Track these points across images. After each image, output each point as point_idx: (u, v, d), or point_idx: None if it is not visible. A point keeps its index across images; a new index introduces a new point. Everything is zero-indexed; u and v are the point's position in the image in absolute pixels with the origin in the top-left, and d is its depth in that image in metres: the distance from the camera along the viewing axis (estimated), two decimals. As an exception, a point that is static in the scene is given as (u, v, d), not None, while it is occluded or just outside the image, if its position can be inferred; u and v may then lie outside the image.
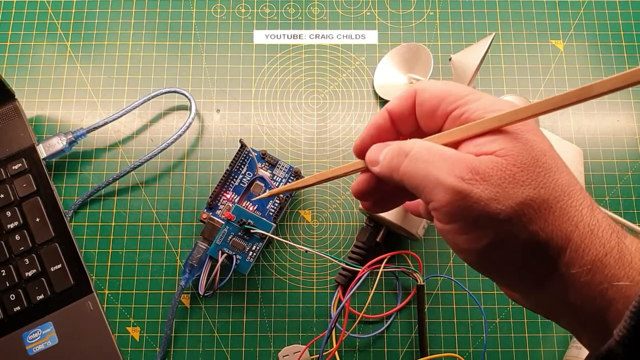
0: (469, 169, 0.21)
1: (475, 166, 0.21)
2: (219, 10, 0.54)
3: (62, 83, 0.51)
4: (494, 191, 0.21)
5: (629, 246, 0.21)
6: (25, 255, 0.45)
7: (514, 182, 0.21)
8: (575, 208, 0.21)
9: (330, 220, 0.48)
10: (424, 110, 0.25)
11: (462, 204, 0.21)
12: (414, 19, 0.53)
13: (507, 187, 0.21)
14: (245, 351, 0.45)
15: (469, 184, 0.21)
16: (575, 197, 0.22)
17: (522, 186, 0.21)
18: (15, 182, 0.46)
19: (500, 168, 0.21)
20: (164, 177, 0.49)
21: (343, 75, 0.52)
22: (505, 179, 0.21)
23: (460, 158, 0.22)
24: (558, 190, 0.21)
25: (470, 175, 0.21)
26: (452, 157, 0.22)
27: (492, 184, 0.21)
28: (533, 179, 0.21)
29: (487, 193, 0.21)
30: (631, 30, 0.53)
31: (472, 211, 0.21)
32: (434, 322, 0.46)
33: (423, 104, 0.25)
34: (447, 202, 0.22)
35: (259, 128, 0.50)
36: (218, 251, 0.43)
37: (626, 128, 0.50)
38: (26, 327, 0.44)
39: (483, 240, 0.22)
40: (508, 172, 0.21)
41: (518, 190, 0.21)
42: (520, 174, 0.21)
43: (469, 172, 0.21)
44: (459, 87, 0.24)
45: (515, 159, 0.21)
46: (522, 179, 0.21)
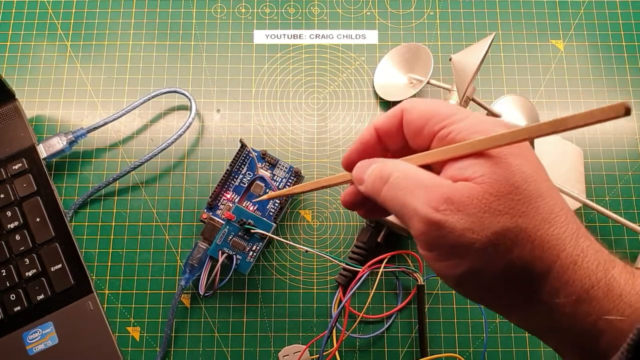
0: (443, 199, 0.21)
1: (450, 195, 0.21)
2: (219, 10, 0.54)
3: (62, 83, 0.51)
4: (469, 221, 0.21)
5: (617, 278, 0.21)
6: (26, 255, 0.45)
7: (489, 212, 0.21)
8: (556, 237, 0.21)
9: (330, 220, 0.48)
10: (411, 129, 0.25)
11: (437, 234, 0.22)
12: (414, 19, 0.53)
13: (483, 217, 0.21)
14: (245, 351, 0.45)
15: (444, 214, 0.21)
16: (557, 225, 0.21)
17: (498, 215, 0.21)
18: (15, 182, 0.46)
19: (477, 197, 0.21)
20: (164, 177, 0.49)
21: (343, 75, 0.52)
22: (480, 208, 0.21)
23: (436, 186, 0.22)
24: (538, 218, 0.21)
25: (445, 205, 0.21)
26: (429, 185, 0.22)
27: (467, 214, 0.21)
28: (511, 208, 0.21)
29: (462, 223, 0.21)
30: (631, 30, 0.53)
31: (447, 241, 0.21)
32: (434, 322, 0.46)
33: (410, 124, 0.25)
34: (422, 232, 0.22)
35: (259, 128, 0.50)
36: (218, 251, 0.43)
37: (626, 128, 0.50)
38: (26, 327, 0.44)
39: (460, 268, 0.22)
40: (484, 201, 0.21)
41: (494, 219, 0.21)
42: (496, 202, 0.21)
43: (443, 202, 0.21)
44: (446, 106, 0.24)
45: (493, 187, 0.21)
46: (499, 208, 0.21)
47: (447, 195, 0.21)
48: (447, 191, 0.21)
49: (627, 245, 0.47)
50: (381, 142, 0.27)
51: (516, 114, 0.48)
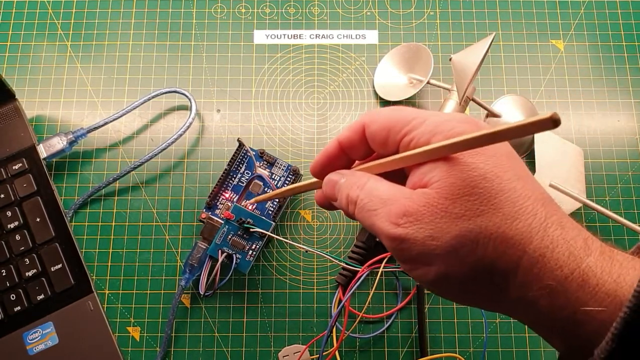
0: (402, 212, 0.22)
1: (407, 208, 0.22)
2: (219, 10, 0.54)
3: (62, 83, 0.51)
4: (428, 229, 0.21)
5: (592, 267, 0.20)
6: (26, 255, 0.45)
7: (447, 217, 0.21)
8: (521, 231, 0.21)
9: (330, 220, 0.48)
10: (376, 141, 0.25)
11: (402, 247, 0.22)
12: (415, 19, 0.53)
13: (440, 223, 0.21)
14: (245, 351, 0.45)
15: (403, 227, 0.22)
16: (522, 218, 0.21)
17: (456, 219, 0.21)
18: (15, 182, 0.46)
19: (432, 204, 0.21)
20: (164, 177, 0.49)
21: (343, 75, 0.52)
22: (437, 215, 0.21)
23: (395, 201, 0.22)
24: (499, 216, 0.21)
25: (404, 219, 0.22)
26: (389, 201, 0.23)
27: (425, 223, 0.21)
28: (468, 209, 0.21)
29: (422, 232, 0.21)
30: (632, 30, 0.53)
31: (412, 252, 0.22)
32: (434, 322, 0.46)
33: (374, 136, 0.25)
34: (390, 247, 0.23)
35: (260, 128, 0.50)
36: (218, 250, 0.43)
37: (626, 128, 0.50)
38: (26, 327, 0.44)
39: (430, 274, 0.22)
40: (440, 207, 0.21)
41: (452, 224, 0.21)
42: (452, 206, 0.21)
43: (402, 216, 0.22)
44: (404, 113, 0.24)
45: (447, 191, 0.21)
46: (455, 212, 0.21)
47: (405, 209, 0.22)
48: (405, 204, 0.22)
49: (627, 245, 0.47)
50: (346, 153, 0.27)
51: (516, 114, 0.48)
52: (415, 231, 0.21)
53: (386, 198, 0.23)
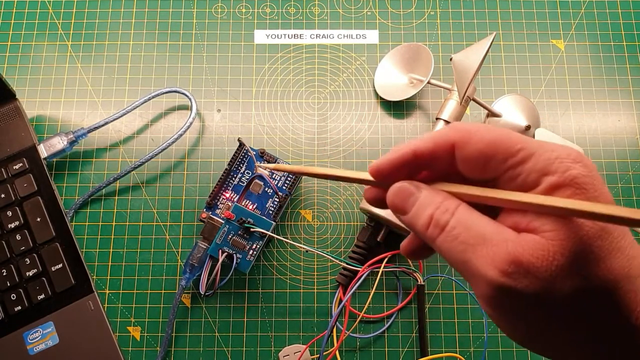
0: (510, 260, 0.19)
1: (517, 256, 0.19)
2: (220, 10, 0.54)
3: (63, 83, 0.51)
4: (539, 285, 0.19)
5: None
6: (26, 255, 0.45)
7: (561, 275, 0.19)
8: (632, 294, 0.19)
9: (331, 220, 0.48)
10: (469, 165, 0.22)
11: (504, 298, 0.20)
12: (415, 19, 0.53)
13: (554, 281, 0.19)
14: (246, 351, 0.45)
15: (512, 278, 0.19)
16: (631, 281, 0.19)
17: (569, 278, 0.19)
18: (16, 181, 0.46)
19: (547, 258, 0.19)
20: (164, 176, 0.49)
21: (344, 75, 0.52)
22: (551, 272, 0.19)
23: (501, 242, 0.20)
24: (611, 278, 0.19)
25: (513, 267, 0.19)
26: (492, 241, 0.20)
27: (537, 278, 0.19)
28: (582, 268, 0.19)
29: (532, 288, 0.19)
30: (632, 30, 0.53)
31: (514, 305, 0.20)
32: (435, 321, 0.46)
33: (467, 160, 0.22)
34: (488, 295, 0.20)
35: (260, 128, 0.50)
36: (218, 250, 0.43)
37: (627, 128, 0.50)
38: (27, 327, 0.44)
39: (530, 331, 0.21)
40: (555, 263, 0.19)
41: (565, 282, 0.19)
42: (567, 264, 0.19)
43: (511, 264, 0.19)
44: (509, 139, 0.21)
45: (564, 246, 0.19)
46: (570, 270, 0.19)
47: (515, 256, 0.19)
48: (514, 249, 0.19)
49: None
50: (419, 163, 0.23)
51: (517, 114, 0.48)
52: (525, 285, 0.19)
53: (488, 235, 0.20)
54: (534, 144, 0.21)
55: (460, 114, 0.45)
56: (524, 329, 0.21)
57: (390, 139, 0.50)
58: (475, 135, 0.22)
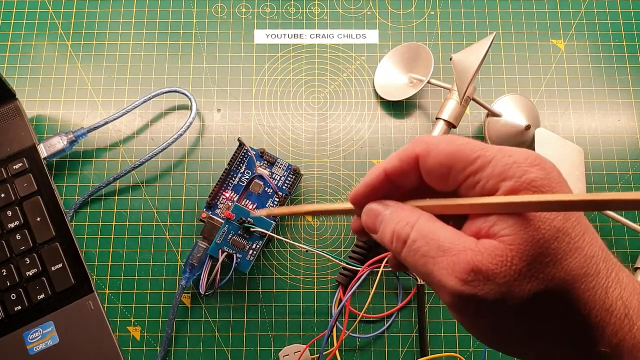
0: (470, 269, 0.20)
1: (476, 264, 0.20)
2: (220, 10, 0.54)
3: (63, 83, 0.51)
4: (500, 291, 0.20)
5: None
6: (26, 255, 0.45)
7: (520, 279, 0.19)
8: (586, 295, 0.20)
9: (331, 220, 0.48)
10: (432, 177, 0.23)
11: (466, 305, 0.21)
12: (415, 19, 0.53)
13: (513, 285, 0.19)
14: (246, 351, 0.45)
15: (472, 286, 0.20)
16: (587, 281, 0.20)
17: (528, 282, 0.19)
18: (16, 181, 0.46)
19: (505, 263, 0.19)
20: (164, 176, 0.49)
21: (344, 75, 0.52)
22: (510, 276, 0.19)
23: (460, 252, 0.20)
24: (568, 279, 0.20)
25: (473, 276, 0.20)
26: (452, 251, 0.20)
27: (496, 283, 0.20)
28: (540, 271, 0.19)
29: (493, 294, 0.20)
30: (632, 30, 0.53)
31: (477, 312, 0.21)
32: (435, 321, 0.46)
33: (430, 172, 0.23)
34: (453, 303, 0.21)
35: (260, 128, 0.50)
36: (218, 250, 0.43)
37: (627, 128, 0.50)
38: (27, 327, 0.44)
39: (493, 332, 0.22)
40: (513, 268, 0.19)
41: (524, 286, 0.19)
42: (526, 268, 0.19)
43: (470, 273, 0.20)
44: (467, 149, 0.21)
45: (521, 249, 0.19)
46: (528, 273, 0.19)
47: (474, 264, 0.20)
48: (473, 258, 0.20)
49: (627, 245, 0.47)
50: (392, 182, 0.24)
51: (517, 114, 0.48)
52: (485, 292, 0.20)
53: (447, 246, 0.21)
54: (492, 151, 0.21)
55: (460, 114, 0.45)
56: (492, 333, 0.22)
57: (390, 139, 0.50)
58: (436, 147, 0.22)
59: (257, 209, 0.45)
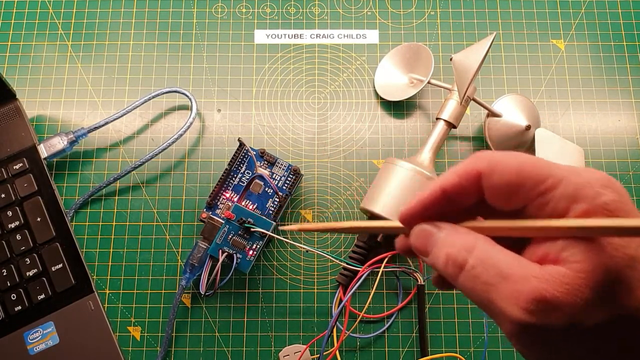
0: (535, 297, 0.18)
1: (542, 293, 0.18)
2: (220, 10, 0.54)
3: (63, 83, 0.51)
4: (567, 320, 0.18)
5: None
6: (26, 255, 0.45)
7: (589, 308, 0.18)
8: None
9: (331, 220, 0.48)
10: (497, 195, 0.22)
11: (531, 335, 0.20)
12: (415, 19, 0.53)
13: (581, 314, 0.18)
14: (246, 351, 0.45)
15: (537, 315, 0.18)
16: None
17: (597, 310, 0.18)
18: (16, 181, 0.46)
19: (573, 291, 0.18)
20: (164, 176, 0.49)
21: (344, 75, 0.52)
22: (578, 306, 0.18)
23: (523, 279, 0.19)
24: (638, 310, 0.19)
25: (538, 305, 0.18)
26: (515, 278, 0.19)
27: (563, 312, 0.18)
28: (611, 300, 0.18)
29: (559, 323, 0.19)
30: (632, 30, 0.53)
31: (542, 341, 0.20)
32: (435, 321, 0.46)
33: (494, 190, 0.21)
34: (515, 333, 0.20)
35: (260, 128, 0.50)
36: (218, 250, 0.43)
37: (627, 128, 0.50)
38: (27, 327, 0.44)
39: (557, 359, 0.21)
40: (582, 297, 0.18)
41: (593, 315, 0.18)
42: (595, 297, 0.18)
43: (535, 302, 0.18)
44: (536, 167, 0.20)
45: (591, 278, 0.18)
46: (598, 302, 0.18)
47: (539, 292, 0.18)
48: (538, 286, 0.18)
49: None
50: (449, 201, 0.23)
51: (517, 114, 0.48)
52: (551, 321, 0.18)
53: (509, 272, 0.19)
54: (561, 170, 0.20)
55: (460, 114, 0.45)
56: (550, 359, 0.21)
57: (390, 139, 0.50)
58: (501, 163, 0.21)
59: (257, 209, 0.45)
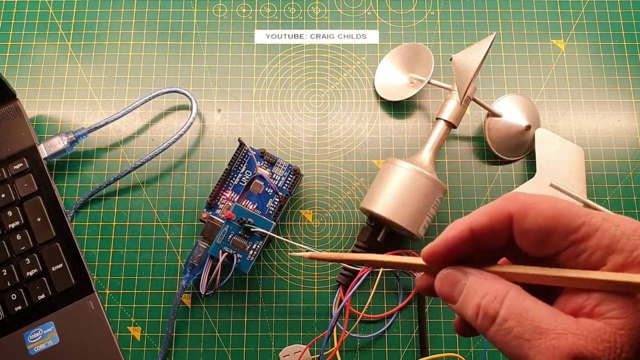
0: (573, 355, 0.18)
1: (580, 350, 0.17)
2: (220, 10, 0.54)
3: (63, 83, 0.51)
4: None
5: None
6: (27, 255, 0.45)
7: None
8: None
9: (331, 220, 0.48)
10: (528, 240, 0.21)
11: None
12: (415, 19, 0.53)
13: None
14: (246, 351, 0.45)
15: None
16: None
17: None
18: (16, 181, 0.46)
19: (613, 350, 0.17)
20: (165, 176, 0.49)
21: (344, 75, 0.52)
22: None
23: (560, 336, 0.18)
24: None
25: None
26: (550, 334, 0.18)
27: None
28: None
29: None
30: (632, 30, 0.53)
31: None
32: (435, 321, 0.46)
33: (525, 235, 0.21)
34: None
35: (260, 128, 0.50)
36: (218, 250, 0.43)
37: (627, 128, 0.50)
38: (27, 327, 0.44)
39: None
40: (623, 356, 0.17)
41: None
42: (636, 356, 0.18)
43: (573, 359, 0.18)
44: (570, 212, 0.20)
45: (632, 336, 0.18)
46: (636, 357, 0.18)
47: (577, 350, 0.18)
48: (576, 342, 0.18)
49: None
50: (476, 242, 0.22)
51: (517, 114, 0.48)
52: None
53: (545, 327, 0.18)
54: (597, 218, 0.19)
55: (460, 114, 0.45)
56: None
57: (390, 139, 0.50)
58: (534, 207, 0.20)
59: (257, 209, 0.45)
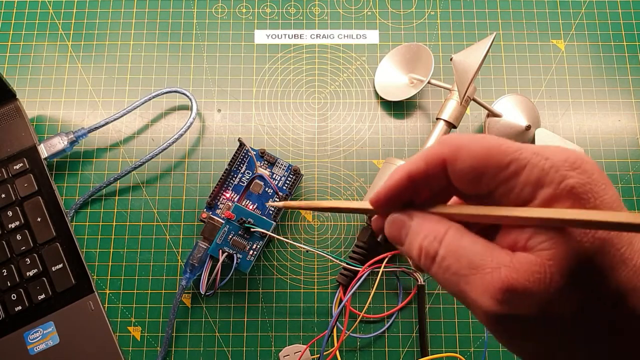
0: (505, 287, 0.18)
1: (512, 282, 0.18)
2: (220, 10, 0.54)
3: (63, 83, 0.51)
4: (538, 309, 0.18)
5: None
6: (27, 255, 0.45)
7: (560, 296, 0.18)
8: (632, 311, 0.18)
9: (331, 220, 0.48)
10: (462, 182, 0.21)
11: (505, 324, 0.19)
12: (415, 19, 0.53)
13: (553, 303, 0.18)
14: (246, 351, 0.45)
15: (508, 305, 0.18)
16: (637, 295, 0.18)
17: (569, 298, 0.18)
18: (16, 181, 0.46)
19: (544, 280, 0.18)
20: (165, 176, 0.49)
21: (344, 75, 0.52)
22: (549, 294, 0.18)
23: (493, 268, 0.18)
24: (615, 293, 0.18)
25: (508, 295, 0.18)
26: (484, 268, 0.19)
27: (534, 301, 0.18)
28: (583, 287, 0.18)
29: (531, 313, 0.18)
30: (632, 30, 0.53)
31: (516, 331, 0.20)
32: (435, 321, 0.46)
33: (458, 177, 0.21)
34: (487, 323, 0.20)
35: (260, 128, 0.50)
36: (219, 250, 0.43)
37: (627, 128, 0.50)
38: (27, 327, 0.44)
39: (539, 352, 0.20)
40: (553, 285, 0.18)
41: (566, 303, 0.18)
42: (566, 285, 0.18)
43: (505, 292, 0.18)
44: (498, 151, 0.20)
45: (562, 265, 0.18)
46: (570, 290, 0.18)
47: (509, 282, 0.18)
48: (508, 276, 0.18)
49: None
50: (416, 185, 0.22)
51: (517, 114, 0.48)
52: (523, 311, 0.18)
53: (479, 262, 0.19)
54: (526, 153, 0.19)
55: (460, 114, 0.45)
56: (532, 350, 0.21)
57: (390, 139, 0.50)
58: (464, 149, 0.20)
59: (257, 209, 0.45)
